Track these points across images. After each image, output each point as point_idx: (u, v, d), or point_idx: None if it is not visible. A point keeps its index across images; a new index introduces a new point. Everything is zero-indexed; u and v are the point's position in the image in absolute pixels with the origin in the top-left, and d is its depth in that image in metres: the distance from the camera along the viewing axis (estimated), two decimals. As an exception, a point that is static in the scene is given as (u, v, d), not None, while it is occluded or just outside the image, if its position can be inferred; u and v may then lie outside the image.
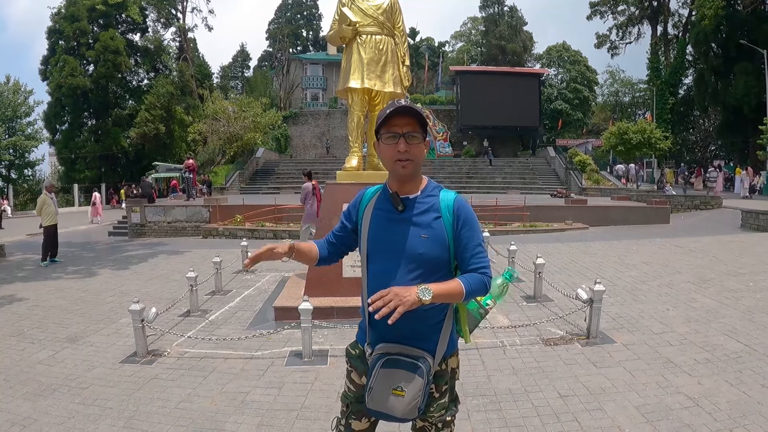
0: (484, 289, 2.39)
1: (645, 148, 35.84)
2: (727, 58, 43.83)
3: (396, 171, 2.39)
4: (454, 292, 2.27)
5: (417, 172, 2.45)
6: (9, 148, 47.63)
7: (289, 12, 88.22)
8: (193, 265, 9.26)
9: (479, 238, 2.46)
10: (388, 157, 2.38)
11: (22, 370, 5.73)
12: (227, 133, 42.41)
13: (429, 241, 2.35)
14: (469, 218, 2.44)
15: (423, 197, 2.44)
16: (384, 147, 2.40)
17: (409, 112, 2.34)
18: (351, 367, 2.55)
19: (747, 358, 5.56)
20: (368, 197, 2.58)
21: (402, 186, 2.44)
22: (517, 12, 70.72)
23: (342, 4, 8.09)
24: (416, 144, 2.36)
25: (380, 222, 2.43)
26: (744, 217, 18.10)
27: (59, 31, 49.58)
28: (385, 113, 2.35)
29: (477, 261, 2.40)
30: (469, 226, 2.43)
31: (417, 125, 2.36)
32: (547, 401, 4.69)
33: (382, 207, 2.47)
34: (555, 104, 63.91)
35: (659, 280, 9.62)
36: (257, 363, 5.79)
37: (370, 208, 2.51)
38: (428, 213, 2.40)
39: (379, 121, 2.39)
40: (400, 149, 2.32)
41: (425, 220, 2.38)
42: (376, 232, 2.42)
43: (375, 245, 2.40)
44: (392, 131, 2.34)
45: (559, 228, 19.04)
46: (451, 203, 2.43)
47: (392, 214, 2.41)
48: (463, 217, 2.42)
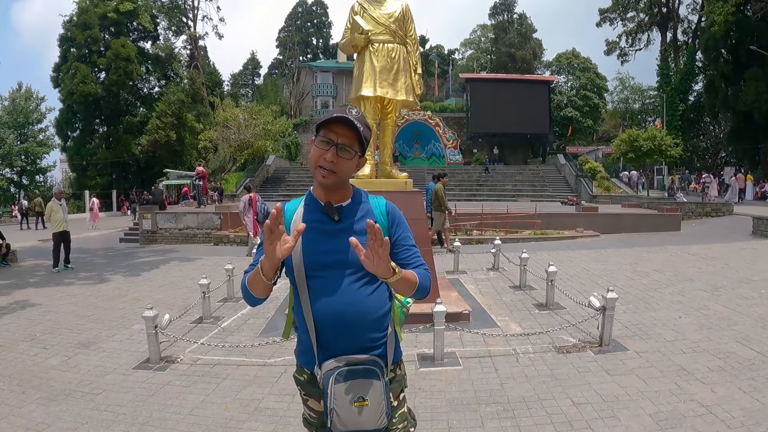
0: (429, 286, 2.33)
1: (656, 155, 35.72)
2: (737, 64, 43.67)
3: (317, 178, 2.30)
4: (411, 280, 2.21)
5: (342, 182, 2.36)
6: (21, 155, 48.00)
7: (299, 20, 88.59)
8: (205, 272, 9.31)
9: (412, 238, 2.46)
10: (312, 160, 2.29)
11: (35, 375, 5.77)
12: (238, 140, 42.51)
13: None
14: (402, 220, 2.46)
15: (355, 204, 2.40)
16: (314, 149, 2.30)
17: (352, 125, 2.24)
18: (306, 395, 2.40)
19: (760, 366, 5.53)
20: (291, 211, 2.41)
21: (330, 194, 2.35)
22: (526, 19, 70.74)
23: (354, 12, 8.12)
24: (346, 159, 2.26)
25: (314, 235, 2.25)
26: (755, 224, 17.99)
27: (71, 39, 50.06)
28: (330, 116, 2.26)
29: (415, 259, 2.37)
30: (403, 227, 2.43)
31: (355, 141, 2.27)
32: (561, 409, 4.68)
33: (313, 218, 2.31)
34: (565, 111, 63.82)
35: (671, 287, 9.58)
36: (270, 370, 5.80)
37: (297, 219, 2.33)
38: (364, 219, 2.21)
39: (322, 119, 2.29)
40: (326, 157, 2.23)
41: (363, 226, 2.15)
42: (313, 245, 2.26)
43: (314, 260, 2.23)
44: (327, 137, 2.25)
45: (570, 235, 18.98)
46: (383, 207, 2.44)
47: (327, 225, 2.30)
48: (397, 220, 2.43)
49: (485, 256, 13.36)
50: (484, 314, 8.01)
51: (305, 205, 2.40)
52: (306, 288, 2.26)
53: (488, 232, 18.91)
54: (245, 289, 2.23)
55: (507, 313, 8.15)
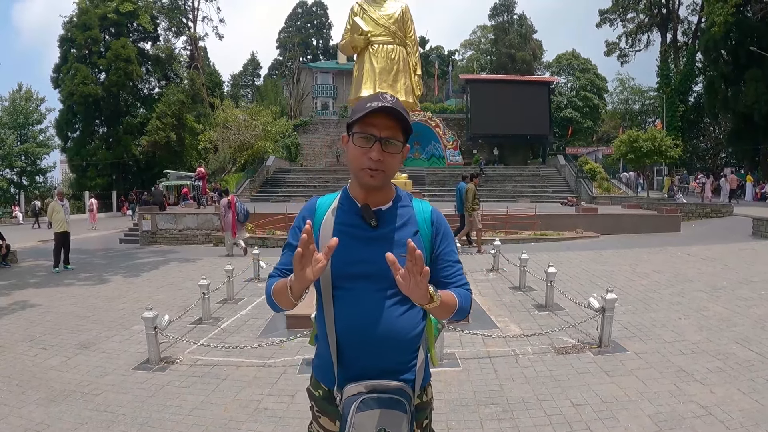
0: (469, 307, 2.09)
1: (655, 156, 35.75)
2: (737, 65, 43.73)
3: (362, 180, 2.03)
4: (450, 304, 1.97)
5: (387, 183, 2.10)
6: (21, 155, 48.08)
7: (299, 21, 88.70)
8: (204, 273, 9.32)
9: (456, 253, 2.21)
10: (355, 162, 2.02)
11: (34, 376, 5.77)
12: (238, 141, 42.53)
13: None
14: (448, 232, 2.20)
15: (396, 209, 2.12)
16: (353, 148, 2.03)
17: (394, 113, 1.96)
18: (319, 412, 2.15)
19: (760, 367, 5.53)
20: (323, 209, 2.17)
21: (370, 196, 2.09)
22: (526, 20, 70.73)
23: (354, 13, 8.12)
24: (393, 154, 2.01)
25: (347, 241, 1.99)
26: (755, 225, 18.00)
27: (71, 40, 50.15)
28: (364, 107, 1.97)
29: (458, 278, 2.13)
30: (448, 240, 2.18)
31: (399, 131, 2.02)
32: (560, 410, 4.68)
33: (347, 222, 2.08)
34: (565, 112, 63.85)
35: (671, 288, 9.58)
36: (270, 371, 5.81)
37: (329, 223, 2.09)
38: (406, 227, 2.08)
39: (355, 114, 2.02)
40: (372, 156, 1.96)
41: (404, 236, 2.01)
42: (343, 253, 1.97)
43: (343, 269, 1.99)
44: (368, 132, 1.98)
45: (569, 236, 18.99)
46: (428, 215, 2.16)
47: (363, 231, 2.05)
48: (442, 231, 2.17)
49: (485, 257, 13.38)
50: (483, 315, 8.00)
51: (339, 204, 2.15)
52: (331, 299, 2.05)
53: (488, 233, 18.89)
54: (270, 297, 2.07)
55: (506, 314, 8.15)
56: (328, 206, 2.15)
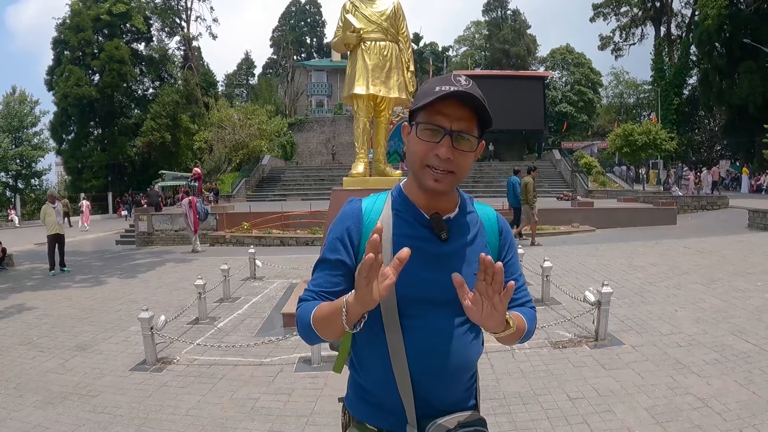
0: (535, 327, 1.79)
1: (651, 150, 35.79)
2: (731, 57, 43.87)
3: (424, 181, 1.60)
4: (521, 329, 1.65)
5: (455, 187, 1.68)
6: (16, 158, 47.82)
7: (292, 19, 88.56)
8: (201, 273, 9.30)
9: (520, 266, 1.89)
10: (417, 158, 1.60)
11: (32, 379, 5.77)
12: (233, 140, 42.48)
13: None
14: (513, 241, 1.85)
15: (462, 216, 1.71)
16: (416, 142, 1.60)
17: (470, 100, 1.54)
18: None
19: (756, 358, 5.54)
20: (373, 217, 1.70)
21: (436, 201, 1.66)
22: (520, 15, 70.95)
23: (346, 10, 8.10)
24: (466, 153, 1.58)
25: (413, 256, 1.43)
26: (751, 216, 18.03)
27: (64, 42, 50.08)
28: (432, 92, 1.54)
29: (524, 293, 1.80)
30: (514, 250, 1.82)
31: (474, 123, 1.59)
32: (557, 404, 4.69)
33: (409, 233, 1.63)
34: (560, 107, 64.04)
35: (667, 281, 9.58)
36: (266, 369, 5.80)
37: (386, 235, 1.63)
38: (477, 239, 1.71)
39: (420, 99, 1.58)
40: (440, 154, 1.54)
41: (477, 249, 1.66)
42: (410, 273, 1.53)
43: (411, 292, 1.58)
44: (436, 123, 1.55)
45: (565, 231, 18.99)
46: (495, 223, 1.79)
47: (432, 245, 1.63)
48: (509, 241, 1.81)
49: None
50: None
51: (395, 211, 1.69)
52: (399, 328, 1.61)
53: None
54: (308, 326, 1.59)
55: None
56: (378, 213, 1.71)
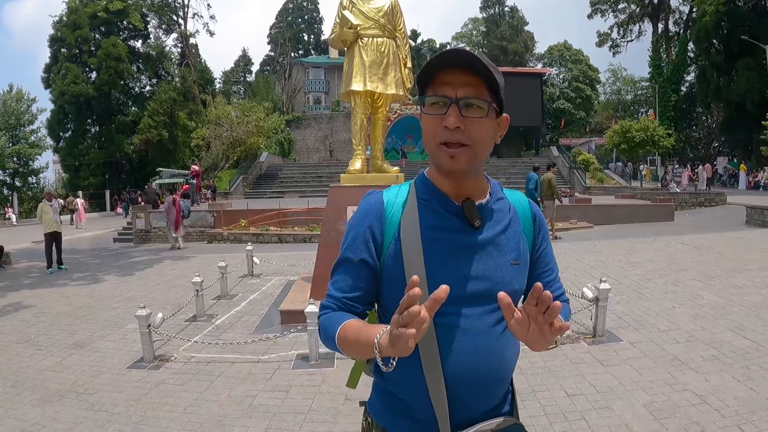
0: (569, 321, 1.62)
1: (648, 146, 35.84)
2: (728, 54, 43.91)
3: (440, 161, 1.47)
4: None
5: (477, 166, 1.53)
6: (13, 156, 47.68)
7: (290, 16, 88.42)
8: (198, 270, 9.28)
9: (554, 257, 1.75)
10: (429, 135, 1.47)
11: (29, 377, 5.76)
12: (230, 138, 42.46)
13: (521, 269, 1.56)
14: (547, 230, 1.71)
15: (493, 202, 1.59)
16: (425, 120, 1.48)
17: (473, 64, 1.41)
18: None
19: (754, 354, 5.55)
20: (396, 209, 1.56)
21: (464, 187, 1.54)
22: (517, 12, 70.94)
23: (343, 7, 8.09)
24: (478, 119, 1.43)
25: (445, 250, 1.46)
26: (749, 213, 18.04)
27: (61, 39, 49.87)
28: (436, 59, 1.45)
29: (558, 286, 1.69)
30: (548, 239, 1.71)
31: (484, 88, 1.44)
32: (555, 400, 4.68)
33: (439, 224, 1.50)
34: (558, 104, 64.05)
35: (665, 277, 9.59)
36: (264, 367, 5.80)
37: (413, 229, 1.49)
38: (511, 226, 1.57)
39: (422, 75, 1.48)
40: (448, 124, 1.40)
41: (511, 237, 1.56)
42: (442, 268, 1.45)
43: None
44: (439, 93, 1.44)
45: (563, 227, 19.02)
46: (527, 209, 1.66)
47: (464, 235, 1.49)
48: (542, 229, 1.68)
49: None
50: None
51: (421, 200, 1.55)
52: (433, 332, 1.44)
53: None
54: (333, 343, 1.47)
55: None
56: (402, 204, 1.57)
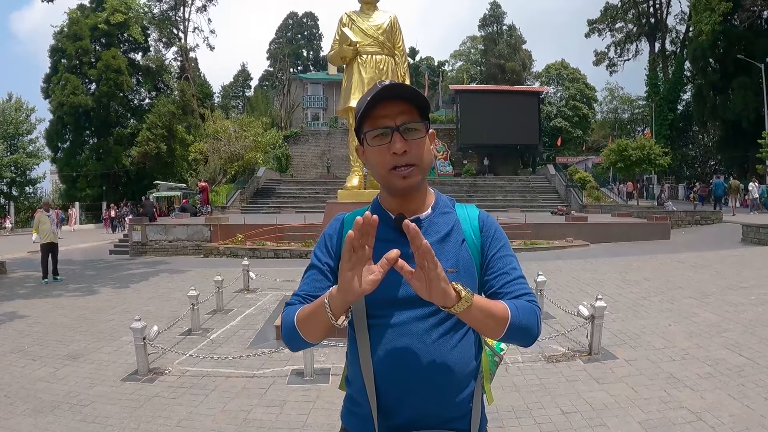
0: (535, 322, 1.61)
1: (645, 165, 35.90)
2: (725, 73, 44.13)
3: (394, 184, 1.63)
4: (496, 312, 1.50)
5: (423, 181, 1.69)
6: (10, 166, 47.79)
7: (289, 32, 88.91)
8: (194, 284, 9.27)
9: (517, 263, 1.79)
10: (379, 166, 1.63)
11: (22, 387, 5.73)
12: (228, 152, 42.52)
13: (459, 276, 1.60)
14: (501, 236, 1.79)
15: (437, 216, 1.73)
16: (372, 152, 1.64)
17: (400, 92, 1.60)
18: None
19: (750, 372, 5.55)
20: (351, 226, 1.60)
21: (405, 203, 1.69)
22: (515, 31, 71.13)
23: (342, 24, 8.15)
24: (417, 141, 1.61)
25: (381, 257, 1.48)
26: (745, 231, 18.10)
27: (61, 50, 50.09)
28: (365, 101, 1.59)
29: (520, 287, 1.68)
30: (502, 245, 1.77)
31: (416, 112, 1.63)
32: (550, 418, 4.67)
33: (381, 236, 1.55)
34: (554, 122, 64.16)
35: (661, 295, 9.60)
36: (259, 381, 5.78)
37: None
38: (450, 237, 1.69)
39: (358, 113, 1.63)
40: (396, 150, 1.57)
41: (449, 248, 1.66)
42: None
43: (379, 294, 1.48)
44: (380, 125, 1.60)
45: (560, 245, 19.03)
46: (475, 220, 1.78)
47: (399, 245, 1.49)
48: (492, 236, 1.77)
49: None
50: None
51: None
52: (366, 332, 1.64)
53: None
54: (292, 329, 1.60)
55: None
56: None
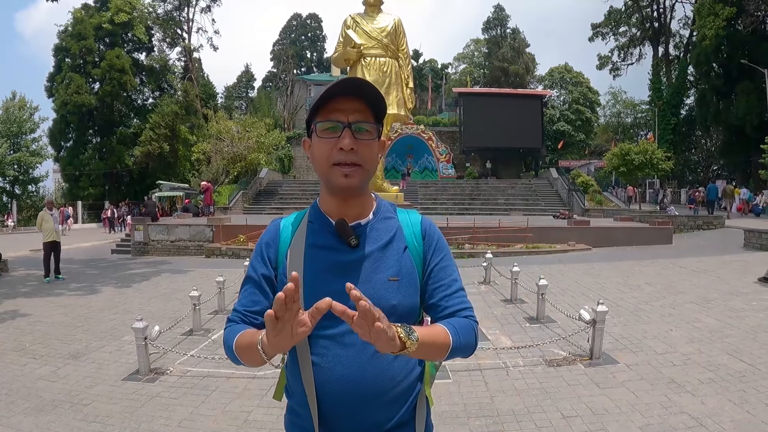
0: (473, 338, 1.63)
1: (647, 169, 35.83)
2: (728, 77, 44.10)
3: (334, 181, 1.59)
4: (439, 343, 1.51)
5: (366, 185, 1.66)
6: (13, 164, 47.79)
7: (293, 33, 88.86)
8: (196, 284, 9.28)
9: (457, 272, 1.75)
10: (322, 159, 1.59)
11: (23, 386, 5.74)
12: (231, 153, 42.49)
13: (401, 284, 1.61)
14: (443, 245, 1.76)
15: (379, 221, 1.70)
16: (318, 143, 1.61)
17: (360, 91, 1.57)
18: None
19: (751, 378, 5.55)
20: (288, 231, 1.73)
21: (346, 207, 1.66)
22: (519, 34, 71.26)
23: (347, 26, 8.15)
24: (368, 142, 1.59)
25: (321, 266, 1.60)
26: (747, 236, 18.04)
27: (66, 49, 50.21)
28: (328, 90, 1.56)
29: (459, 302, 1.67)
30: (443, 254, 1.73)
31: (369, 113, 1.60)
32: (550, 422, 4.67)
33: (320, 243, 1.63)
34: (557, 125, 64.11)
35: (662, 300, 9.59)
36: (260, 383, 5.79)
37: (299, 244, 1.66)
38: (392, 244, 1.65)
39: (314, 102, 1.61)
40: (343, 146, 1.54)
41: (391, 255, 1.63)
42: (316, 283, 1.57)
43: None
44: (332, 118, 1.56)
45: (561, 249, 18.98)
46: (417, 226, 1.73)
47: (340, 254, 1.61)
48: (435, 244, 1.73)
49: (477, 270, 13.32)
50: (475, 327, 7.97)
51: (309, 223, 1.71)
52: (306, 345, 1.59)
53: (480, 245, 18.89)
54: (231, 352, 1.62)
55: (498, 326, 8.14)
56: (296, 227, 1.73)
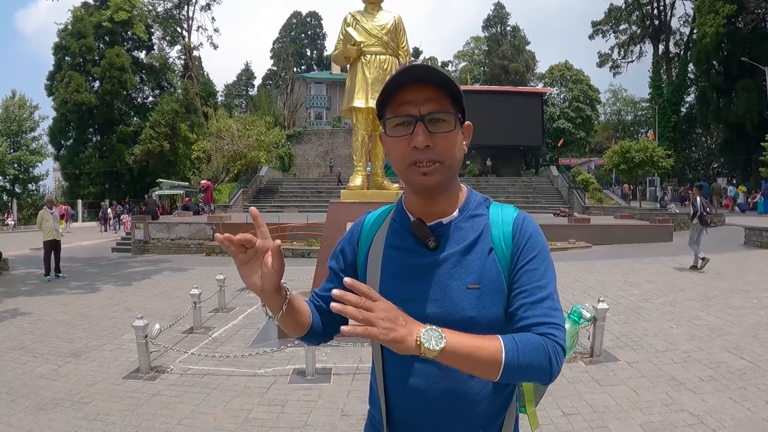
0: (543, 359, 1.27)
1: (647, 167, 35.82)
2: (728, 75, 44.10)
3: (413, 181, 1.40)
4: (482, 358, 1.21)
5: (450, 180, 1.45)
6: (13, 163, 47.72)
7: (293, 31, 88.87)
8: (196, 283, 9.28)
9: (549, 277, 1.47)
10: (398, 159, 1.40)
11: (24, 384, 5.74)
12: (231, 151, 42.54)
13: (483, 293, 1.38)
14: (534, 244, 1.45)
15: (464, 220, 1.47)
16: (391, 143, 1.41)
17: (431, 77, 1.35)
18: None
19: (751, 375, 5.54)
20: (371, 227, 1.59)
21: (428, 205, 1.46)
22: (519, 32, 71.30)
23: (347, 24, 8.12)
24: (446, 134, 1.37)
25: (395, 269, 1.44)
26: (747, 234, 18.05)
27: (65, 48, 50.21)
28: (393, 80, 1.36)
29: (540, 314, 1.37)
30: (533, 255, 1.44)
31: (446, 101, 1.38)
32: (551, 419, 4.66)
33: (398, 244, 1.48)
34: (558, 123, 64.18)
35: (663, 298, 9.59)
36: (260, 380, 5.77)
37: (379, 244, 1.52)
38: (477, 246, 1.42)
39: (381, 97, 1.40)
40: (417, 144, 1.33)
41: (474, 258, 1.41)
42: (392, 285, 1.43)
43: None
44: (401, 113, 1.36)
45: (562, 247, 18.98)
46: (509, 225, 1.47)
47: (418, 257, 1.43)
48: (525, 244, 1.44)
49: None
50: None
51: (392, 221, 1.55)
52: (379, 350, 1.49)
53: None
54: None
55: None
56: (380, 224, 1.58)
